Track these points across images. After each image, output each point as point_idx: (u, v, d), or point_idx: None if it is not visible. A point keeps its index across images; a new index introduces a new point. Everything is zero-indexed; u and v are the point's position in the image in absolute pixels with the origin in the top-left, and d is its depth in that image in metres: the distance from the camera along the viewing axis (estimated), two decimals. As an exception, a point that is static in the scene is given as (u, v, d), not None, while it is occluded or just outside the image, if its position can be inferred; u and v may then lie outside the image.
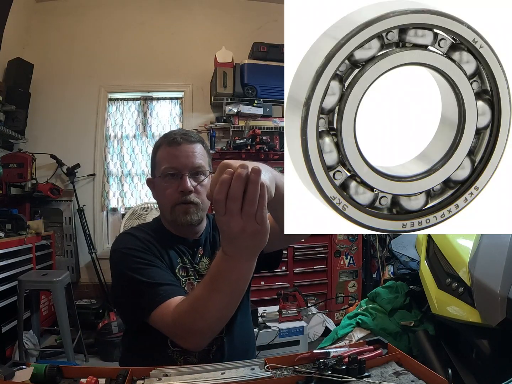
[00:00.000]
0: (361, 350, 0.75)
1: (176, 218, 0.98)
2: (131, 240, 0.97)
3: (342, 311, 3.22)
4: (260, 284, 3.16)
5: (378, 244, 3.50)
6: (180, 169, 0.98)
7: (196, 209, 0.98)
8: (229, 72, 3.55)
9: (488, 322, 0.86)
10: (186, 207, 0.97)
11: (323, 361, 0.68)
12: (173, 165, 0.98)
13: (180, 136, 1.01)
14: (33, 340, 2.53)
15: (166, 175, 0.99)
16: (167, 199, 0.99)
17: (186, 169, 0.98)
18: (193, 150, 1.00)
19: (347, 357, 0.68)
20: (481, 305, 0.89)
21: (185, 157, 0.99)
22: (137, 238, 0.97)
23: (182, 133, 1.03)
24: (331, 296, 3.39)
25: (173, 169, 0.98)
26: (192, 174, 0.99)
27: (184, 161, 0.98)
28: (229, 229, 0.57)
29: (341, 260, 3.45)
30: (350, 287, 3.48)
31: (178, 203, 0.97)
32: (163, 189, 0.99)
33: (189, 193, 0.97)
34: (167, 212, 1.00)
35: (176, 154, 0.99)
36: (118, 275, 0.95)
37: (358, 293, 3.48)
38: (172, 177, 0.98)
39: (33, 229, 2.92)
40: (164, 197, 1.00)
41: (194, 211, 0.98)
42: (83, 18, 3.82)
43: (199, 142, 1.04)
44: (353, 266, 3.49)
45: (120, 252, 0.95)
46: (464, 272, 0.99)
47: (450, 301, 1.01)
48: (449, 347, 1.14)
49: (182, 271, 1.00)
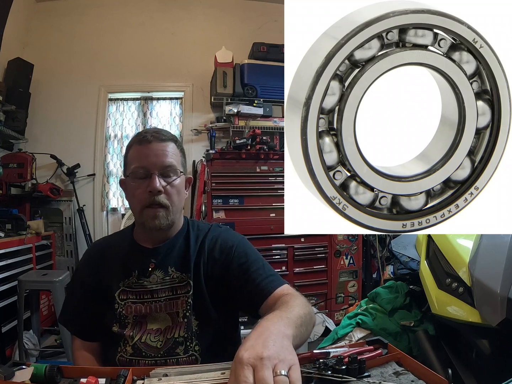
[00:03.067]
0: (361, 350, 0.75)
1: (144, 222, 0.95)
2: (82, 262, 1.11)
3: (342, 311, 3.22)
4: (260, 284, 3.16)
5: (378, 244, 3.50)
6: (149, 168, 0.93)
7: (165, 212, 0.94)
8: (229, 72, 3.55)
9: (488, 322, 0.86)
10: (155, 211, 0.93)
11: (323, 361, 0.67)
12: (143, 164, 0.94)
13: (151, 134, 0.97)
14: (33, 340, 2.53)
15: (136, 175, 0.95)
16: (137, 200, 0.95)
17: (156, 168, 0.93)
18: (163, 149, 0.96)
19: (347, 357, 0.68)
20: (481, 305, 0.89)
21: (154, 156, 0.94)
22: (87, 262, 1.08)
23: (153, 131, 0.99)
24: (331, 296, 3.38)
25: (142, 168, 0.94)
26: (162, 173, 0.95)
27: (154, 160, 0.94)
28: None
29: (341, 260, 3.45)
30: (350, 287, 3.48)
31: (147, 205, 0.94)
32: (132, 190, 0.96)
33: (158, 193, 0.93)
34: (137, 214, 0.97)
35: (146, 152, 0.95)
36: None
37: (358, 293, 3.47)
38: (142, 176, 0.94)
39: (33, 229, 2.92)
40: (133, 198, 0.96)
41: (163, 215, 0.94)
42: (83, 18, 3.82)
43: (171, 140, 0.99)
44: (353, 266, 3.49)
45: (76, 265, 1.10)
46: (464, 272, 0.99)
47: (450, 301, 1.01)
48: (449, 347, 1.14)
49: (122, 294, 0.97)
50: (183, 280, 0.98)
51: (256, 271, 0.96)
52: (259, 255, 1.03)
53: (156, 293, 0.97)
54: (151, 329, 0.95)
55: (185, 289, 0.98)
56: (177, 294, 0.97)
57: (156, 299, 0.96)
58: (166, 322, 0.96)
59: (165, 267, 0.99)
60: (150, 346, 0.94)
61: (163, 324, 0.96)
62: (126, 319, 0.96)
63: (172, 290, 0.97)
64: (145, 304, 0.96)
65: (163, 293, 0.97)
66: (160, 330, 0.95)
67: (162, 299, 0.96)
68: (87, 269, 1.06)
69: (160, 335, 0.95)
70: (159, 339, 0.94)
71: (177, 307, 0.97)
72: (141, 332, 0.95)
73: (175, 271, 0.99)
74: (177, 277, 0.99)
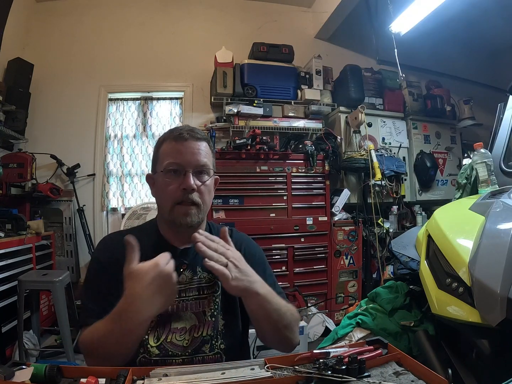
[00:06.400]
0: (361, 350, 0.75)
1: (175, 218, 0.94)
2: (100, 249, 1.02)
3: (342, 311, 3.22)
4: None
5: (378, 244, 3.50)
6: (184, 166, 0.93)
7: (197, 210, 0.95)
8: (229, 72, 3.55)
9: (488, 322, 0.85)
10: (187, 208, 0.93)
11: (323, 361, 0.67)
12: (177, 161, 0.94)
13: (187, 132, 0.97)
14: (33, 340, 2.53)
15: (169, 170, 0.94)
16: (168, 196, 0.94)
17: (190, 166, 0.94)
18: (198, 148, 0.96)
19: (347, 357, 0.68)
20: (481, 305, 0.89)
21: (190, 154, 0.94)
22: (106, 249, 1.00)
23: (189, 129, 0.98)
24: (331, 296, 3.39)
25: (177, 164, 0.94)
26: (196, 172, 0.95)
27: (189, 157, 0.94)
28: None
29: (341, 260, 3.45)
30: (350, 287, 3.48)
31: (179, 202, 0.93)
32: (164, 185, 0.95)
33: (191, 191, 0.93)
34: (166, 211, 0.96)
35: (181, 149, 0.94)
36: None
37: (358, 293, 3.48)
38: (175, 173, 0.94)
39: (33, 229, 2.92)
40: (165, 193, 0.95)
41: (194, 213, 0.94)
42: (83, 18, 3.83)
43: (205, 140, 1.00)
44: (353, 266, 3.49)
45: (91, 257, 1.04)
46: (464, 272, 0.98)
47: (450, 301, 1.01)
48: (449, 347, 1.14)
49: None
50: (211, 281, 0.99)
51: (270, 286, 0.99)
52: (271, 270, 1.10)
53: (184, 292, 0.96)
54: (175, 328, 0.93)
55: (212, 289, 0.98)
56: (204, 294, 0.97)
57: (183, 298, 0.96)
58: (191, 321, 0.95)
59: (194, 267, 0.99)
60: (177, 345, 0.92)
61: (188, 323, 0.95)
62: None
63: (199, 290, 0.97)
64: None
65: (190, 293, 0.97)
66: (185, 329, 0.94)
67: (189, 298, 0.96)
68: (108, 260, 0.95)
69: (186, 333, 0.94)
70: (185, 338, 0.93)
71: (204, 307, 0.97)
72: (166, 332, 0.93)
73: (203, 271, 0.99)
74: (205, 277, 0.99)
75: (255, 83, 3.61)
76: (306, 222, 3.35)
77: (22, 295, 2.38)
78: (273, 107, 3.68)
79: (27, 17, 3.67)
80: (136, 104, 3.99)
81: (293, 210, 3.34)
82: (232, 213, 3.19)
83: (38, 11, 3.76)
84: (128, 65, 3.86)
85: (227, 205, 3.18)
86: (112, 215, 3.86)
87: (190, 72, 3.96)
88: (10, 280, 2.54)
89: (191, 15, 4.06)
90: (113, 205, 3.84)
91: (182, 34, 4.00)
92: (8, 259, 2.56)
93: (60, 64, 3.74)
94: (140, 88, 3.94)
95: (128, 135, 3.94)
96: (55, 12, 3.77)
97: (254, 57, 3.68)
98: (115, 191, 3.86)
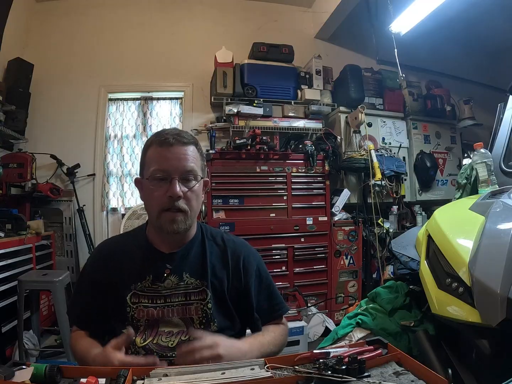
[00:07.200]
0: (361, 350, 0.75)
1: (162, 225, 0.94)
2: (91, 260, 1.08)
3: (342, 311, 3.22)
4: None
5: (378, 244, 3.50)
6: (170, 173, 0.92)
7: (184, 217, 0.94)
8: (229, 72, 3.55)
9: (488, 322, 0.85)
10: (174, 215, 0.93)
11: (323, 361, 0.67)
12: (163, 168, 0.92)
13: (173, 136, 0.94)
14: (33, 340, 2.53)
15: (155, 178, 0.93)
16: (155, 203, 0.94)
17: (177, 173, 0.92)
18: (185, 153, 0.94)
19: (347, 357, 0.68)
20: (481, 305, 0.89)
21: (176, 160, 0.93)
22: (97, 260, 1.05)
23: (175, 134, 0.95)
24: (331, 296, 3.38)
25: (162, 172, 0.92)
26: (183, 178, 0.93)
27: (175, 164, 0.92)
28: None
29: (341, 260, 3.45)
30: (350, 287, 3.48)
31: (166, 209, 0.92)
32: (150, 192, 0.94)
33: (177, 198, 0.91)
34: (154, 217, 0.96)
35: (167, 156, 0.93)
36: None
37: (358, 293, 3.47)
38: (161, 180, 0.93)
39: (33, 229, 2.92)
40: (151, 200, 0.95)
41: (181, 220, 0.93)
42: (83, 18, 3.82)
43: (192, 144, 0.97)
44: (353, 266, 3.49)
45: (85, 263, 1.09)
46: (464, 272, 0.98)
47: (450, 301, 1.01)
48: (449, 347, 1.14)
49: (134, 297, 0.95)
50: (198, 287, 0.98)
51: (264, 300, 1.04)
52: (269, 280, 1.11)
53: (169, 297, 0.96)
54: (162, 331, 0.95)
55: (199, 296, 0.97)
56: (190, 300, 0.97)
57: (169, 303, 0.96)
58: (179, 326, 0.95)
59: (180, 272, 0.98)
60: (163, 346, 0.93)
61: (176, 328, 0.95)
62: (139, 322, 0.95)
63: (186, 296, 0.97)
64: (157, 309, 0.95)
65: (176, 298, 0.96)
66: (172, 333, 0.94)
67: (175, 304, 0.96)
68: (97, 266, 1.03)
69: (172, 336, 0.94)
70: (171, 339, 0.93)
71: (191, 313, 0.96)
72: (153, 335, 0.94)
73: (190, 277, 0.98)
74: (192, 283, 0.98)
75: (255, 83, 3.61)
76: (306, 222, 3.35)
77: (22, 295, 2.38)
78: (273, 107, 3.68)
79: (27, 17, 3.67)
80: (136, 104, 3.99)
81: (293, 210, 3.34)
82: (232, 213, 3.19)
83: (38, 11, 3.76)
84: (128, 65, 3.86)
85: (227, 205, 3.18)
86: (112, 215, 3.86)
87: (190, 72, 3.96)
88: (10, 280, 2.54)
89: (191, 15, 4.06)
90: (113, 205, 3.84)
91: (182, 34, 4.00)
92: (8, 259, 2.56)
93: (60, 64, 3.74)
94: (140, 88, 3.94)
95: (128, 135, 3.94)
96: (55, 12, 3.77)
97: (254, 57, 3.68)
98: (115, 191, 3.86)
